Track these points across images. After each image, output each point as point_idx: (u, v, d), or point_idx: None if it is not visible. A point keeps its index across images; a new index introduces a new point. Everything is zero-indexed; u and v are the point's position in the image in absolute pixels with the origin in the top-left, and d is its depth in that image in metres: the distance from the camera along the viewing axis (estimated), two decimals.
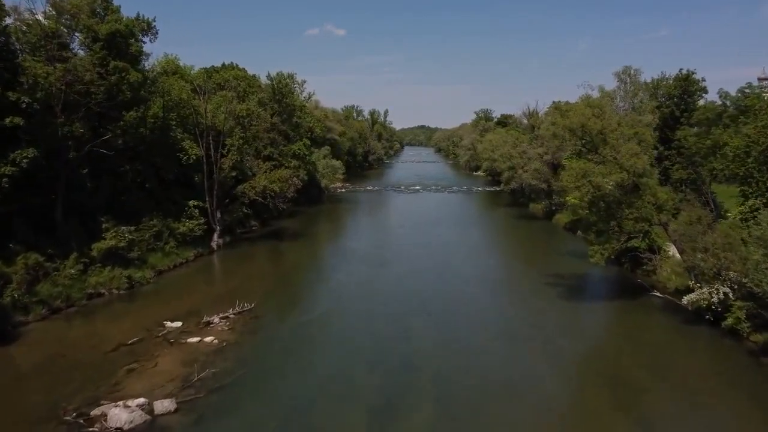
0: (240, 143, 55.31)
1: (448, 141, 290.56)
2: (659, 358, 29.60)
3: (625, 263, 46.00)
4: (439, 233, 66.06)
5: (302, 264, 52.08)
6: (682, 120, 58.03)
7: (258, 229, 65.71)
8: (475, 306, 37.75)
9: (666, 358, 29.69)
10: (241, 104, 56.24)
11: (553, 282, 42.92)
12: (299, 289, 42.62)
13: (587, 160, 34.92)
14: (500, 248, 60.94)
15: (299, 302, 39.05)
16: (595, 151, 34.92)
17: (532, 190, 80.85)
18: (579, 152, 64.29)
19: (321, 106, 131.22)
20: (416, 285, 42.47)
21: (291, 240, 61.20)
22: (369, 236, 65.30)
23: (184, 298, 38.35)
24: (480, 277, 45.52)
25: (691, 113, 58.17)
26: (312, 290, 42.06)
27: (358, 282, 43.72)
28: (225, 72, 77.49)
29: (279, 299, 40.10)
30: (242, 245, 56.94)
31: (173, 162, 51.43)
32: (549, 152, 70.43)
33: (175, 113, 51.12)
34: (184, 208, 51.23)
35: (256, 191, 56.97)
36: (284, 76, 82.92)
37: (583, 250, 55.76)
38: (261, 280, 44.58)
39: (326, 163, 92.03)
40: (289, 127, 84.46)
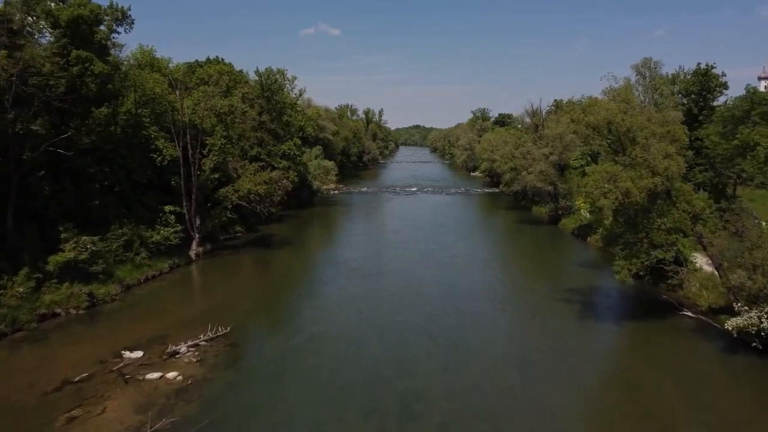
0: (222, 142, 50.50)
1: (444, 141, 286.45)
2: (701, 395, 25.22)
3: (645, 276, 41.53)
4: (438, 239, 61.48)
5: (289, 276, 47.35)
6: (701, 118, 53.75)
7: (243, 235, 60.91)
8: (483, 329, 33.15)
9: (709, 393, 25.32)
10: (222, 100, 51.34)
11: (567, 298, 38.42)
12: (284, 308, 37.86)
13: (614, 162, 30.29)
14: (505, 257, 56.36)
15: (283, 324, 34.30)
16: (623, 151, 30.39)
17: (536, 193, 76.41)
18: (595, 153, 60.02)
19: (314, 104, 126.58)
20: (416, 302, 37.84)
21: (279, 247, 56.46)
22: (363, 243, 60.63)
23: (152, 319, 33.56)
24: (486, 292, 40.94)
25: (710, 111, 53.91)
26: (299, 309, 37.34)
27: (351, 298, 39.06)
28: (209, 67, 72.74)
29: (260, 320, 35.37)
30: (225, 254, 52.15)
31: (147, 163, 46.58)
32: (555, 152, 65.94)
33: (149, 109, 46.24)
34: (160, 214, 46.44)
35: (239, 195, 52.18)
36: (273, 71, 78.10)
37: (595, 260, 51.54)
38: (241, 296, 39.82)
39: (318, 163, 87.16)
40: (278, 125, 79.77)
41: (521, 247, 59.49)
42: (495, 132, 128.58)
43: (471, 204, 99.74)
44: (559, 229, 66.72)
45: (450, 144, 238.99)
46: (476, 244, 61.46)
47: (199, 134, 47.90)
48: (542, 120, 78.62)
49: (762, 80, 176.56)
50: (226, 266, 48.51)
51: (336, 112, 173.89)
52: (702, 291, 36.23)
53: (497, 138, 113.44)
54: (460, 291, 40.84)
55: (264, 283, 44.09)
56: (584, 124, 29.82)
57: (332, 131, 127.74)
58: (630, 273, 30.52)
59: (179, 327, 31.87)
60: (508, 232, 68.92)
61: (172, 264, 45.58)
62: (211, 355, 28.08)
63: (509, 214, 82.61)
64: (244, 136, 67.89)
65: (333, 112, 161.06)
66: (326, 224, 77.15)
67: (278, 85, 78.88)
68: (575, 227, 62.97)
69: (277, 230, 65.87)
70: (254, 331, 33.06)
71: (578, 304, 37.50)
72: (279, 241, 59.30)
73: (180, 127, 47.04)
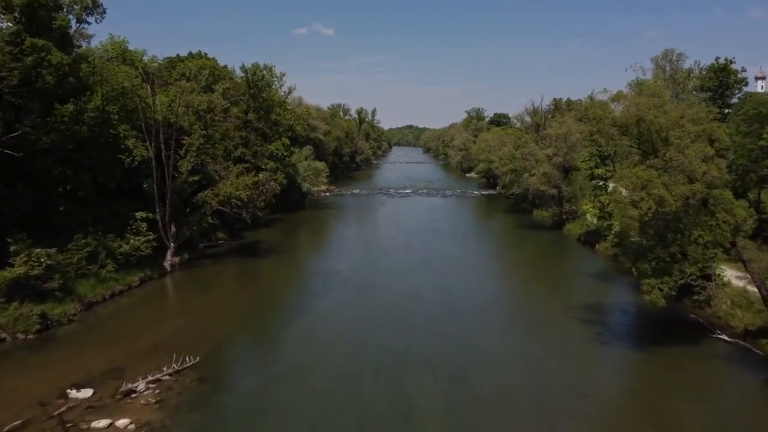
0: (200, 142, 46.12)
1: (437, 141, 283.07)
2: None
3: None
4: (435, 246, 57.40)
5: (274, 290, 43.06)
6: (719, 116, 49.97)
7: (226, 242, 56.52)
8: (491, 358, 29.00)
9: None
10: (201, 96, 46.93)
11: (582, 317, 34.41)
12: (266, 330, 33.53)
13: (645, 166, 26.20)
14: (509, 267, 52.27)
15: (264, 352, 29.99)
16: (654, 153, 26.39)
17: (537, 196, 72.41)
18: (604, 154, 56.24)
19: (305, 103, 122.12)
20: (414, 322, 33.69)
21: (264, 256, 52.11)
22: (356, 250, 56.40)
23: (111, 344, 29.19)
24: (492, 311, 36.86)
25: (728, 108, 50.22)
26: (283, 332, 33.06)
27: (341, 318, 34.86)
28: (190, 62, 68.23)
29: (237, 347, 31.04)
30: (204, 264, 47.77)
31: (116, 165, 42.08)
32: (560, 153, 62.01)
33: (118, 105, 41.77)
34: (130, 221, 42.03)
35: (219, 199, 47.79)
36: (260, 67, 73.70)
37: (606, 270, 47.55)
38: (218, 315, 35.45)
39: (308, 164, 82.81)
40: (265, 125, 75.35)
41: (525, 256, 55.45)
42: (491, 132, 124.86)
43: (468, 207, 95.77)
44: (563, 234, 62.79)
45: (444, 144, 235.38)
46: (476, 252, 57.43)
47: (173, 133, 43.46)
48: (544, 119, 74.71)
49: (759, 80, 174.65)
50: (205, 278, 44.16)
51: (328, 111, 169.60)
52: (735, 310, 32.33)
53: (494, 138, 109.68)
54: (462, 308, 36.73)
55: (245, 298, 39.76)
56: (609, 121, 25.82)
57: (324, 131, 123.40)
58: (662, 293, 26.48)
59: (142, 355, 27.57)
60: (509, 238, 64.85)
61: (144, 277, 41.19)
62: (175, 394, 23.76)
63: (509, 218, 78.64)
64: (227, 135, 63.54)
65: (325, 111, 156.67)
66: (316, 229, 72.86)
67: (265, 81, 74.48)
68: (581, 233, 59.07)
69: (264, 236, 61.54)
70: (229, 360, 28.74)
71: (595, 324, 33.49)
72: (265, 249, 54.95)
73: (152, 125, 42.63)
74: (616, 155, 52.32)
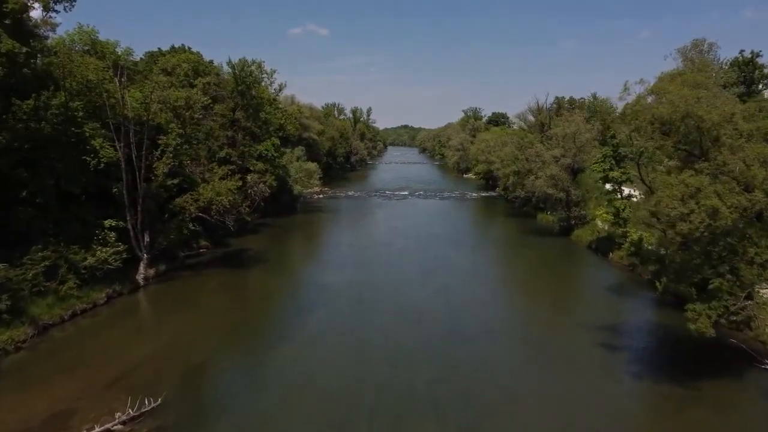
0: (177, 142, 41.77)
1: (433, 141, 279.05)
2: None
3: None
4: (436, 254, 53.22)
5: (258, 306, 38.76)
6: None
7: (209, 251, 52.16)
8: (509, 396, 24.78)
9: None
10: (178, 91, 42.52)
11: (606, 341, 30.33)
12: (246, 358, 29.18)
13: (694, 171, 22.08)
14: (516, 279, 48.06)
15: (241, 387, 25.61)
16: (703, 155, 22.31)
17: (542, 200, 68.24)
18: (620, 155, 52.08)
19: (297, 101, 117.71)
20: (415, 350, 29.45)
21: (250, 266, 47.75)
22: (350, 259, 52.13)
23: (61, 379, 24.86)
24: (504, 334, 32.75)
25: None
26: (266, 359, 28.81)
27: (333, 344, 30.59)
28: (172, 56, 63.89)
29: (208, 382, 26.52)
30: (182, 276, 43.37)
31: (82, 168, 37.68)
32: (568, 155, 57.92)
33: (84, 101, 37.36)
34: (97, 230, 37.67)
35: (198, 205, 43.42)
36: (248, 63, 69.23)
37: (624, 283, 43.38)
38: (193, 338, 31.12)
39: (299, 165, 78.42)
40: (254, 124, 71.02)
41: (533, 265, 51.26)
42: (491, 132, 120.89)
43: (467, 210, 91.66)
44: (572, 241, 58.73)
45: (440, 144, 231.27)
46: (480, 261, 53.29)
47: (145, 132, 39.07)
48: (549, 118, 70.63)
49: None
50: (182, 293, 39.77)
51: (322, 110, 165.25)
52: None
53: (494, 138, 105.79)
54: (469, 331, 32.51)
55: (225, 317, 35.40)
56: (649, 118, 21.70)
57: (317, 131, 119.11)
58: (710, 321, 22.38)
59: (97, 393, 23.33)
60: (514, 245, 60.63)
61: (111, 293, 36.82)
62: None
63: (512, 222, 74.53)
64: (212, 135, 59.18)
65: (318, 110, 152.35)
66: (308, 235, 68.51)
67: (254, 78, 70.00)
68: (592, 240, 55.03)
69: (251, 243, 57.19)
70: (197, 401, 24.33)
71: (622, 350, 29.43)
72: (251, 258, 50.59)
73: (121, 123, 38.23)
74: (641, 158, 48.27)
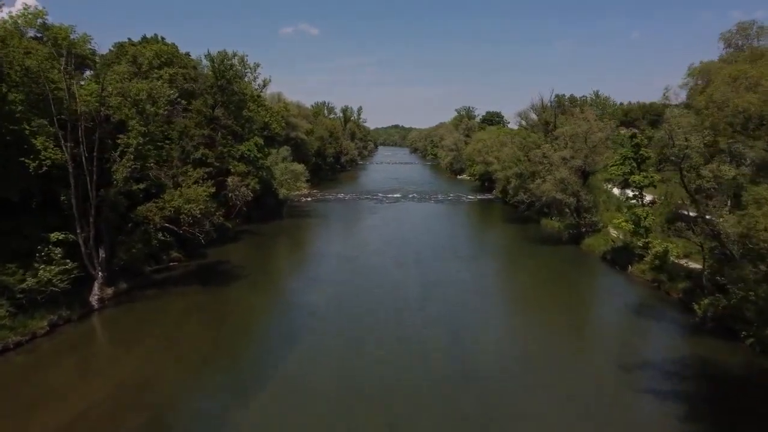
0: (138, 142, 36.10)
1: (425, 141, 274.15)
2: None
3: (749, 338, 28.64)
4: (435, 267, 47.95)
5: (232, 333, 33.12)
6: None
7: (181, 264, 46.50)
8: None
9: None
10: (139, 83, 36.78)
11: (647, 383, 25.28)
12: (208, 410, 23.66)
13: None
14: (529, 299, 42.42)
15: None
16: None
17: (547, 204, 63.07)
18: (641, 157, 46.75)
19: (284, 98, 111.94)
20: (417, 396, 24.11)
21: (226, 282, 42.08)
22: (339, 274, 46.63)
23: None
24: (521, 371, 27.50)
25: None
26: (237, 406, 23.31)
27: (315, 384, 25.18)
28: (143, 47, 58.05)
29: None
30: (147, 296, 37.70)
31: (22, 172, 31.97)
32: (579, 156, 52.84)
33: (24, 93, 31.62)
34: (41, 245, 31.97)
35: (164, 214, 37.81)
36: (228, 55, 63.55)
37: (651, 303, 37.89)
38: (150, 377, 25.49)
39: (285, 167, 72.75)
40: (235, 122, 65.41)
41: (544, 280, 45.95)
42: (487, 131, 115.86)
43: (464, 214, 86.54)
44: (582, 251, 53.66)
45: (433, 144, 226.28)
46: (484, 274, 48.08)
47: (96, 129, 33.37)
48: (555, 116, 65.56)
49: None
50: (144, 317, 34.13)
51: (311, 109, 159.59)
52: None
53: (492, 138, 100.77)
54: (480, 370, 27.21)
55: (192, 347, 29.78)
56: (731, 111, 16.53)
57: (306, 130, 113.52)
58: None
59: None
60: (520, 255, 55.19)
61: (56, 320, 31.12)
62: None
63: (514, 228, 69.39)
64: (186, 133, 53.56)
65: (307, 109, 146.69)
66: (294, 244, 62.96)
67: (235, 72, 64.37)
68: (606, 250, 49.97)
69: (231, 254, 51.61)
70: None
71: (671, 399, 24.25)
72: (229, 272, 45.01)
73: (69, 119, 32.53)
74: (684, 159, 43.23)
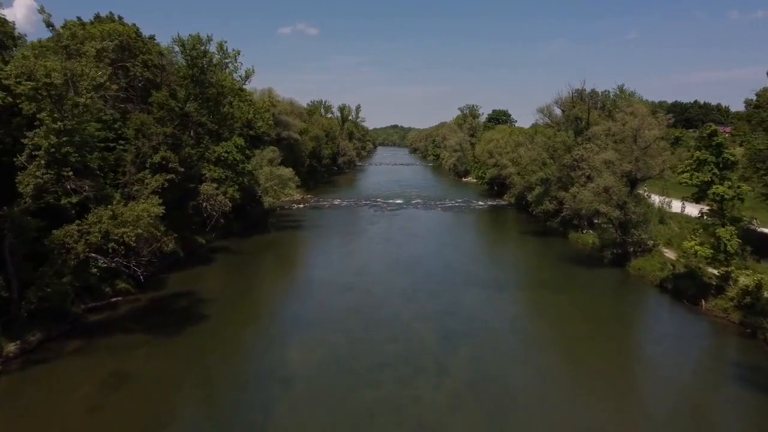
0: (53, 142, 26.05)
1: (426, 141, 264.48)
2: None
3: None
4: (454, 303, 37.99)
5: (176, 413, 23.14)
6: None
7: (128, 298, 36.38)
8: None
9: None
10: (52, 61, 26.72)
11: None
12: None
13: None
14: (581, 351, 31.82)
15: None
16: None
17: (577, 215, 53.10)
18: (727, 162, 36.71)
19: (275, 95, 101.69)
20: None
21: (181, 328, 31.87)
22: (331, 320, 36.21)
23: None
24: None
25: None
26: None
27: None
28: (96, 27, 47.96)
29: None
30: (66, 352, 27.55)
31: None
32: (627, 159, 42.84)
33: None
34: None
35: (91, 240, 27.71)
36: (201, 40, 53.35)
37: (747, 357, 28.11)
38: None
39: (270, 171, 62.61)
40: (211, 119, 55.31)
41: (595, 320, 35.12)
42: (498, 130, 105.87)
43: (477, 225, 76.49)
44: (631, 276, 43.59)
45: (434, 144, 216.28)
46: (519, 315, 37.92)
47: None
48: (588, 111, 55.51)
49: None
50: (56, 386, 24.06)
51: (307, 108, 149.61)
52: None
53: (505, 137, 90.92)
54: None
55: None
56: None
57: (300, 129, 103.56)
58: None
59: None
60: (557, 282, 43.27)
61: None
62: None
63: (538, 243, 59.37)
64: (143, 132, 43.46)
65: (302, 107, 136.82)
66: (278, 265, 52.80)
67: (209, 59, 54.25)
68: (665, 277, 40.00)
69: (196, 281, 41.69)
70: None
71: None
72: (187, 312, 34.91)
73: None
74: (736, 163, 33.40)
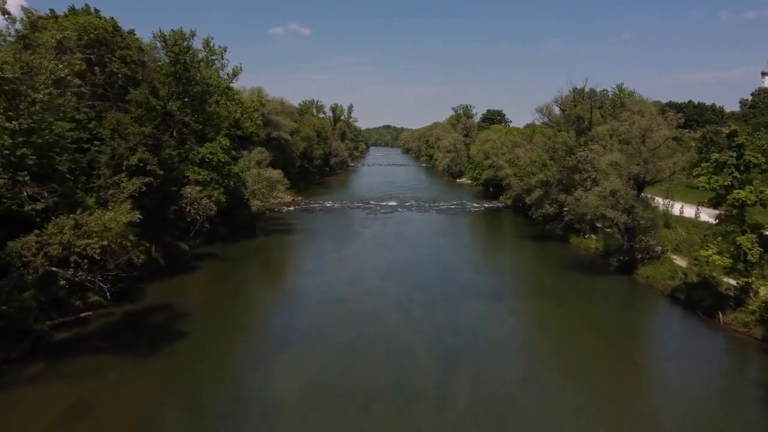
0: (6, 143, 23.22)
1: (419, 141, 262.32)
2: None
3: None
4: (456, 319, 35.44)
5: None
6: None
7: (100, 312, 33.49)
8: None
9: None
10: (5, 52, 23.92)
11: None
12: None
13: None
14: (593, 372, 29.33)
15: None
16: None
17: (578, 219, 50.61)
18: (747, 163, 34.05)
19: (265, 94, 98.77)
20: None
21: (156, 346, 29.07)
22: (321, 339, 33.54)
23: None
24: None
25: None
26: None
27: None
28: (69, 19, 45.05)
29: None
30: (25, 378, 24.75)
31: None
32: (635, 161, 40.47)
33: None
34: None
35: (51, 253, 24.88)
36: (183, 35, 50.55)
37: (758, 369, 25.86)
38: None
39: (257, 174, 59.82)
40: (195, 118, 52.51)
41: (606, 337, 32.27)
42: (494, 130, 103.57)
43: (474, 228, 74.03)
44: (640, 284, 41.18)
45: (428, 145, 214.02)
46: (524, 329, 35.41)
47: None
48: (590, 110, 53.18)
49: (766, 75, 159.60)
50: (13, 414, 21.24)
51: (298, 107, 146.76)
52: None
53: (501, 138, 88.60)
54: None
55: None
56: None
57: (290, 129, 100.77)
58: None
59: None
60: (561, 291, 40.31)
61: None
62: None
63: (539, 248, 56.95)
64: (119, 132, 40.60)
65: (293, 107, 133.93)
66: (264, 274, 49.93)
67: (193, 55, 51.47)
68: (676, 287, 37.64)
69: (177, 292, 38.91)
70: None
71: None
72: (163, 328, 32.08)
73: None
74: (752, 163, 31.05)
